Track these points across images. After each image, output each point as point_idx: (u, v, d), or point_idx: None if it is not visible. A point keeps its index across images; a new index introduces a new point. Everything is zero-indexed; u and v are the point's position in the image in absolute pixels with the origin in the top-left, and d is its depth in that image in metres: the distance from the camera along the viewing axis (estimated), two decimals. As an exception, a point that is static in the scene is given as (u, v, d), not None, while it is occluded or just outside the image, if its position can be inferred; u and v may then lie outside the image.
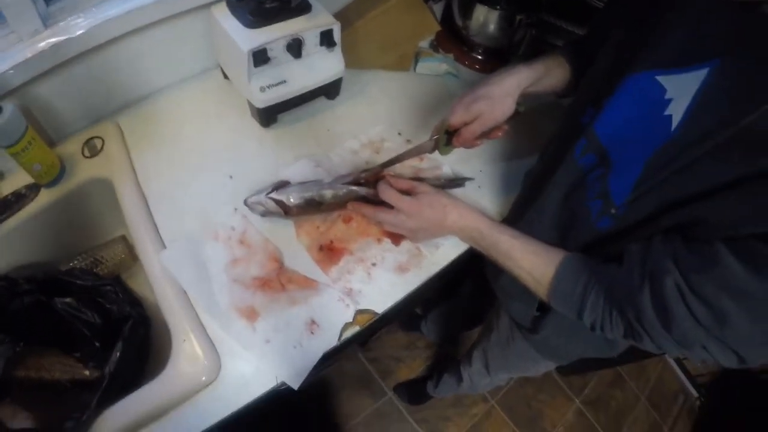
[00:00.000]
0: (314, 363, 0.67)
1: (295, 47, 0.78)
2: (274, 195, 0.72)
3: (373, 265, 0.75)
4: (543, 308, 0.70)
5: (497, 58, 1.09)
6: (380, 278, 0.74)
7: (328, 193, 0.74)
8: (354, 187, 0.75)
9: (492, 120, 0.66)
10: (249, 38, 0.75)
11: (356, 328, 0.70)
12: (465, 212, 0.66)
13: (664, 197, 0.45)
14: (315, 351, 0.67)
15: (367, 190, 0.74)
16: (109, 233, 0.88)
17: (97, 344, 0.73)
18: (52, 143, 0.82)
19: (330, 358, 0.71)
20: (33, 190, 0.77)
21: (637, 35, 0.52)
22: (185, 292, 0.69)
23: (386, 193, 0.68)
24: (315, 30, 0.80)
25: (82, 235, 0.85)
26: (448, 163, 0.87)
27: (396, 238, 0.77)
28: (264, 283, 0.70)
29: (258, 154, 0.85)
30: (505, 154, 0.92)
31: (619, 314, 0.48)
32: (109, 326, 0.73)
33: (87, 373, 0.74)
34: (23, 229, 0.76)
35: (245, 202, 0.73)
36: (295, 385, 0.65)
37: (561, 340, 0.74)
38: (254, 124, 0.89)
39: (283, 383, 0.65)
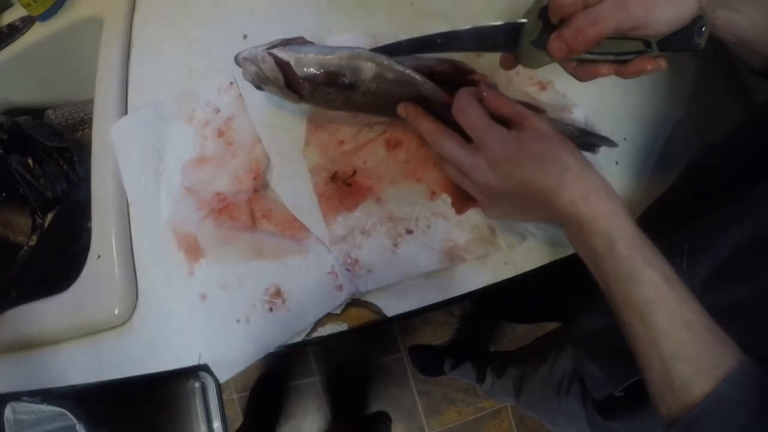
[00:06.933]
0: (257, 356, 0.41)
1: None
2: (277, 51, 0.42)
3: (409, 232, 0.44)
4: (630, 390, 0.44)
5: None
6: (410, 259, 0.44)
7: (368, 69, 0.40)
8: (417, 76, 0.40)
9: (642, 6, 0.31)
10: None
11: (342, 326, 0.43)
12: (597, 192, 0.32)
13: None
14: (264, 338, 0.42)
15: (438, 90, 0.40)
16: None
17: (41, 219, 0.56)
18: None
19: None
20: (27, 23, 0.66)
21: None
22: (125, 192, 0.47)
23: (467, 109, 0.36)
24: None
25: (79, 85, 0.68)
26: (583, 106, 0.46)
27: (460, 200, 0.44)
28: (226, 207, 0.44)
29: (293, 12, 0.54)
30: (672, 115, 0.47)
31: None
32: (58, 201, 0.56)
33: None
34: (13, 65, 0.65)
35: (236, 58, 0.45)
36: (222, 377, 0.42)
37: None
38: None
39: (206, 365, 0.42)
